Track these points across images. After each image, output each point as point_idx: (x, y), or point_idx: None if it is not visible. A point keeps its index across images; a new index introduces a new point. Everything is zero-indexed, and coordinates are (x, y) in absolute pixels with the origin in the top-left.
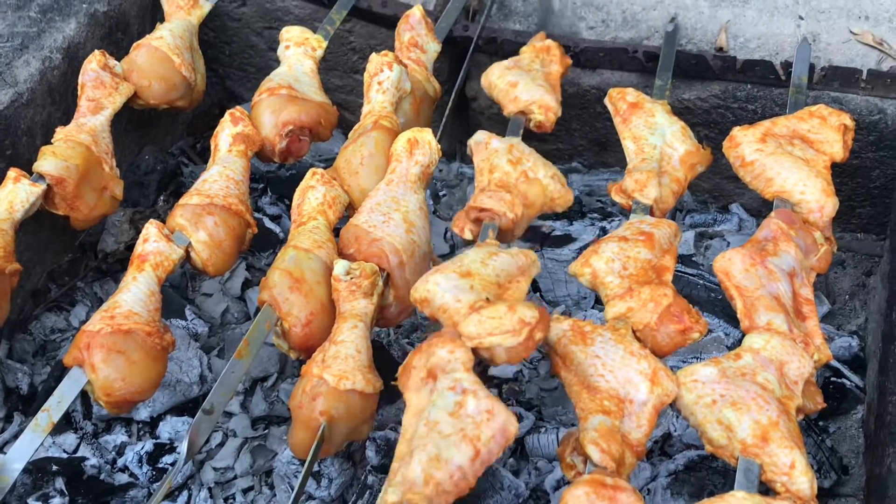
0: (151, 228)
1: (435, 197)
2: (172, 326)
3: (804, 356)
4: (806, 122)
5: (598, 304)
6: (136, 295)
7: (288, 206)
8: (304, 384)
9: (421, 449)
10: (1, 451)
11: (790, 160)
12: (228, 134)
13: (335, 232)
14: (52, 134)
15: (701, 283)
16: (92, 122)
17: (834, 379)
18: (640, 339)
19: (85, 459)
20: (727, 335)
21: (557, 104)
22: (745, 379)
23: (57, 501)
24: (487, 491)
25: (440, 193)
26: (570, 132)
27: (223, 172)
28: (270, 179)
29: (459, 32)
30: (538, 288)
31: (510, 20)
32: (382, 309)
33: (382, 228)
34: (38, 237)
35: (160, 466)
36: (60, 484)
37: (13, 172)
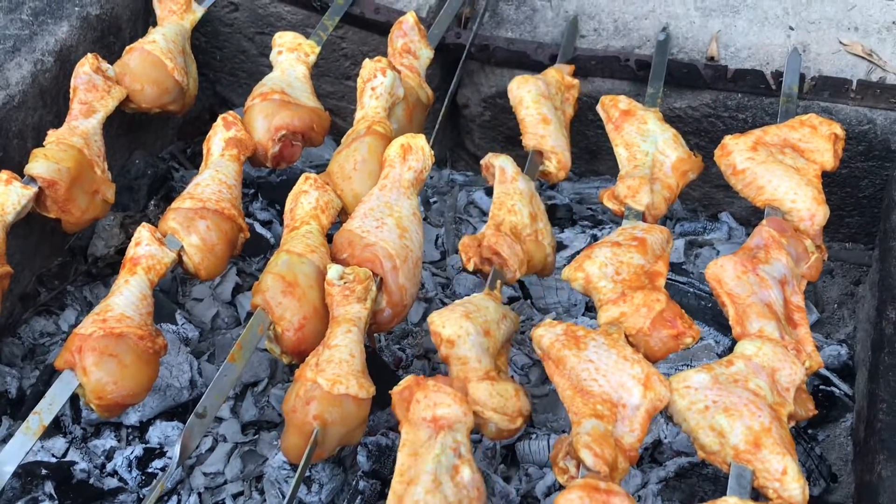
0: (144, 232)
1: (426, 203)
2: (163, 331)
3: (796, 363)
4: (797, 131)
5: (588, 310)
6: (128, 298)
7: (279, 211)
8: (297, 388)
9: None
10: None
11: (781, 168)
12: (221, 138)
13: (328, 238)
14: (43, 137)
15: (691, 291)
16: (84, 125)
17: (823, 387)
18: (632, 343)
19: (74, 464)
20: (717, 343)
21: (569, 163)
22: (737, 385)
23: None
24: None
25: (431, 200)
26: None
27: (216, 176)
28: (261, 185)
29: (452, 39)
30: (529, 295)
31: (502, 28)
32: (375, 314)
33: (376, 233)
34: (27, 240)
35: (149, 471)
36: (50, 488)
37: (4, 175)
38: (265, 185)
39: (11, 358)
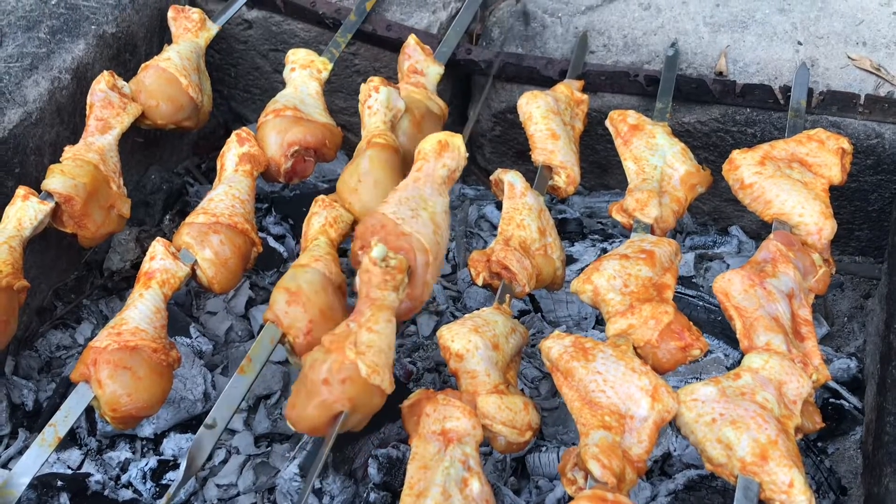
0: (158, 246)
1: None
2: (177, 344)
3: (803, 376)
4: (804, 145)
5: (598, 324)
6: (142, 312)
7: (291, 225)
8: (334, 361)
9: None
10: (6, 466)
11: (789, 183)
12: (235, 154)
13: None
14: (60, 153)
15: (701, 304)
16: (100, 141)
17: (833, 400)
18: (641, 355)
19: (89, 475)
20: (727, 356)
21: (578, 178)
22: (744, 398)
23: None
24: None
25: None
26: None
27: (229, 192)
28: (274, 200)
29: (462, 56)
30: (539, 309)
31: (511, 44)
32: None
33: (411, 223)
34: (44, 255)
35: (164, 483)
36: (65, 499)
37: (22, 190)
38: (278, 199)
39: (28, 370)
